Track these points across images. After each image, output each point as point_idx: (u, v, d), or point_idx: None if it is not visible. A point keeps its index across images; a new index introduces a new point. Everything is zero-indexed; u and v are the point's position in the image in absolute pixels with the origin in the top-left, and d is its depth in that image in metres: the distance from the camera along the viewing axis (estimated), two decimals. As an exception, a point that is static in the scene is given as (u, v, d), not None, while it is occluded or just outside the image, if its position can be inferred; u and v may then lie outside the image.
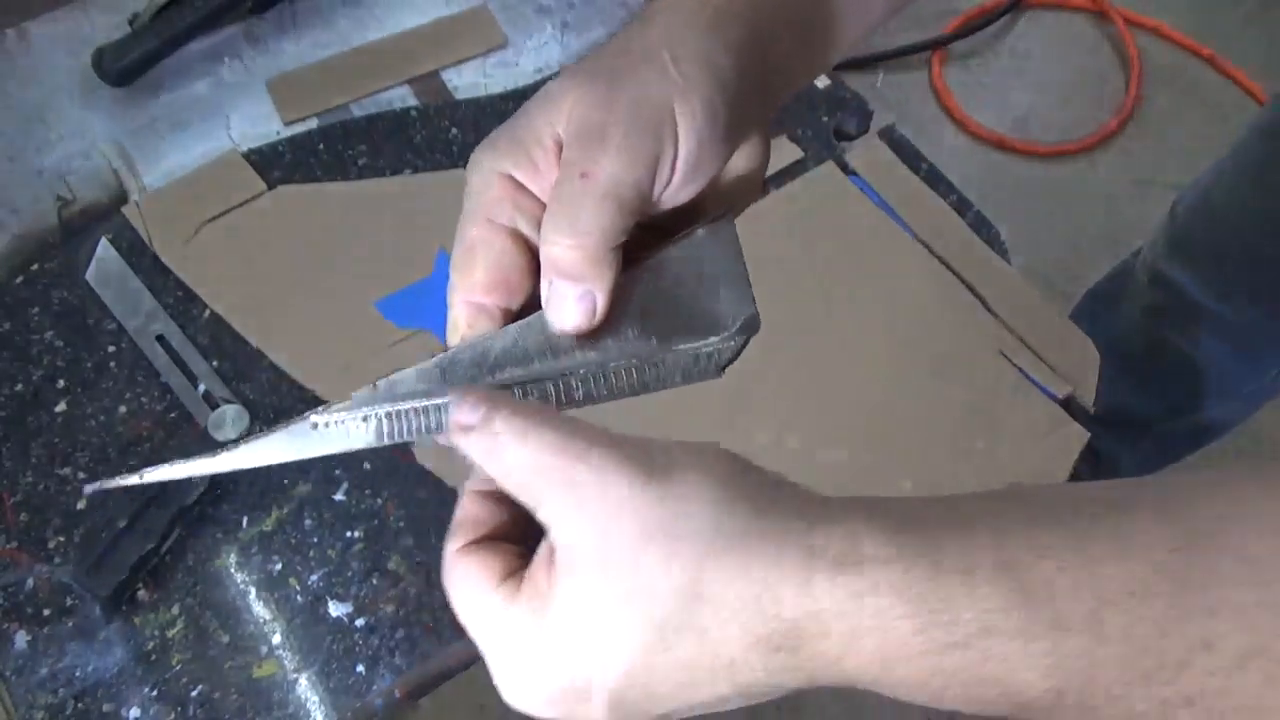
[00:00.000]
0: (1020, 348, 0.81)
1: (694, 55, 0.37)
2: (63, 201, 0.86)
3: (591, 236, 0.35)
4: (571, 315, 0.37)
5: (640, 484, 0.33)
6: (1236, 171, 1.06)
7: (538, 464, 0.34)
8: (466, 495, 0.38)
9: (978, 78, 2.09)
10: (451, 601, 0.36)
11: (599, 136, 0.35)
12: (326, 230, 0.84)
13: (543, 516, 0.34)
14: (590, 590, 0.33)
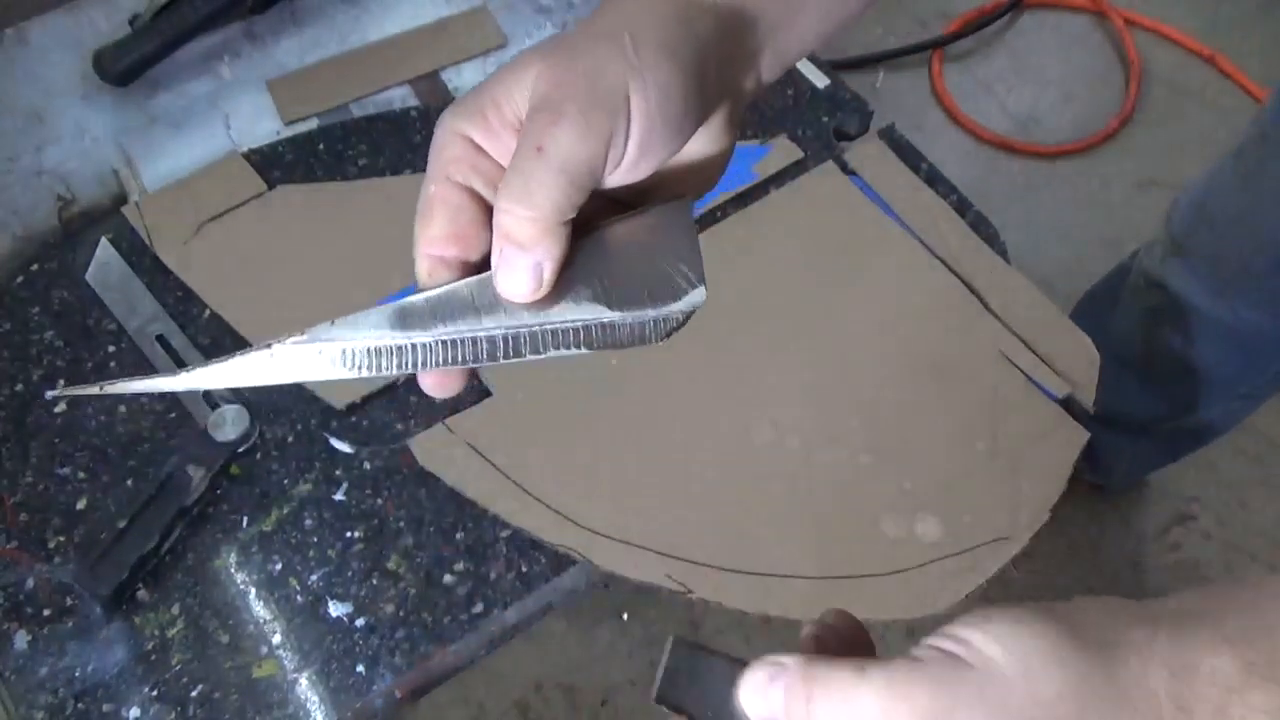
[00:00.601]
0: (1020, 348, 0.81)
1: (654, 40, 0.38)
2: (63, 201, 0.86)
3: (543, 209, 0.36)
4: (520, 284, 0.38)
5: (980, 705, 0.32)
6: (1234, 173, 1.06)
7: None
8: None
9: (978, 78, 2.09)
10: None
11: (555, 112, 0.36)
12: (326, 230, 0.84)
13: None
14: None
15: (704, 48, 0.39)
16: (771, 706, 0.35)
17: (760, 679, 0.35)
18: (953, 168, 0.92)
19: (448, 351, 0.40)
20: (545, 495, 0.72)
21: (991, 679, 0.32)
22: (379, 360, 0.40)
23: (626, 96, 0.37)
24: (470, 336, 0.40)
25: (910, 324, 0.82)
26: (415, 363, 0.40)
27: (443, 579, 0.70)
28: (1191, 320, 1.16)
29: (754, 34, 0.42)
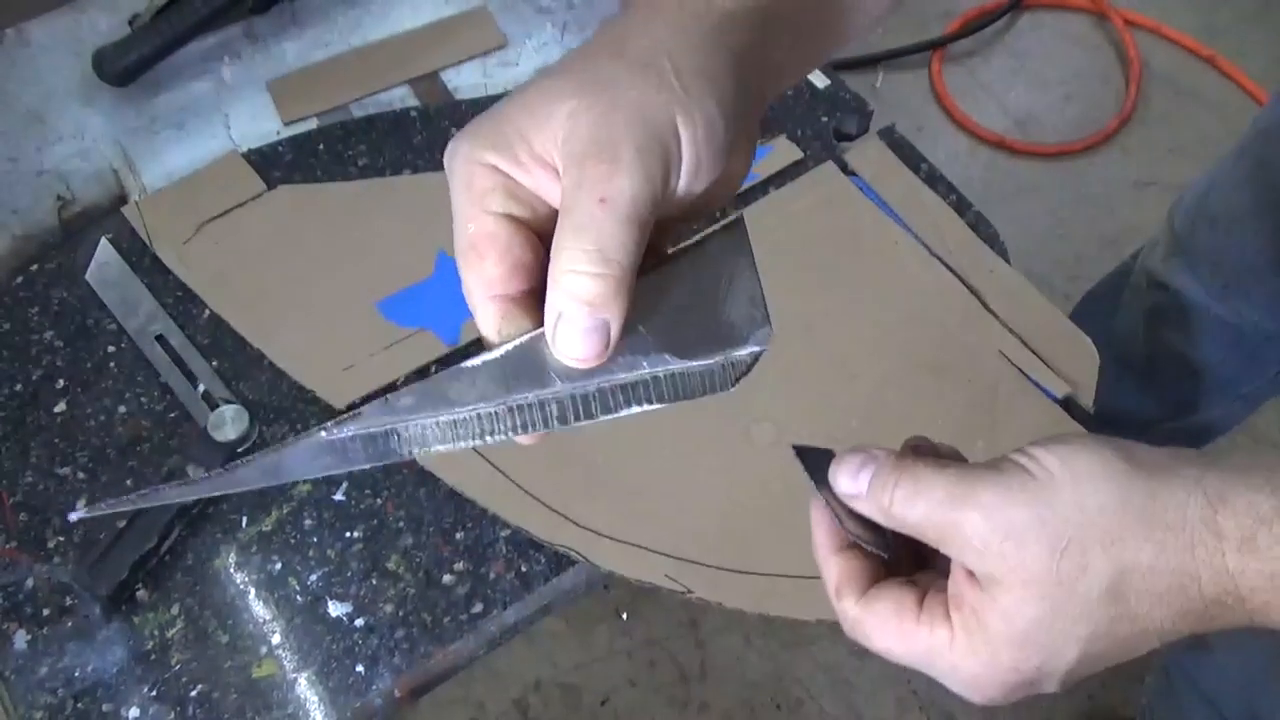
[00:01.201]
0: (1020, 348, 0.80)
1: (695, 67, 0.36)
2: (63, 201, 0.86)
3: (619, 264, 0.34)
4: (583, 346, 0.35)
5: (1032, 506, 0.37)
6: (1236, 172, 1.06)
7: (934, 519, 0.39)
8: (834, 556, 0.43)
9: (978, 78, 2.09)
10: (874, 646, 0.42)
11: (611, 157, 0.34)
12: (326, 230, 0.84)
13: (953, 554, 0.39)
14: (1023, 608, 0.38)
15: (741, 67, 0.38)
16: (859, 486, 0.41)
17: (854, 462, 0.41)
18: (953, 168, 0.92)
19: (513, 419, 0.38)
20: (545, 495, 0.72)
21: (1045, 487, 0.37)
22: (443, 433, 0.38)
23: (676, 131, 0.35)
24: (536, 403, 0.37)
25: (910, 324, 0.82)
26: (479, 435, 0.38)
27: (442, 579, 0.70)
28: (1193, 320, 1.15)
29: (780, 43, 0.41)
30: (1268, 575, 0.35)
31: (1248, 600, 0.36)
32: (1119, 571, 0.37)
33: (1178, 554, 0.36)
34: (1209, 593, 0.36)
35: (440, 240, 0.82)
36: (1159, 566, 0.36)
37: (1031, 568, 0.37)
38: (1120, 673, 1.51)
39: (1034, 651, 0.38)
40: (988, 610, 0.38)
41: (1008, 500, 0.38)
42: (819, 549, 0.44)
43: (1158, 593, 0.37)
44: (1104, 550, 0.36)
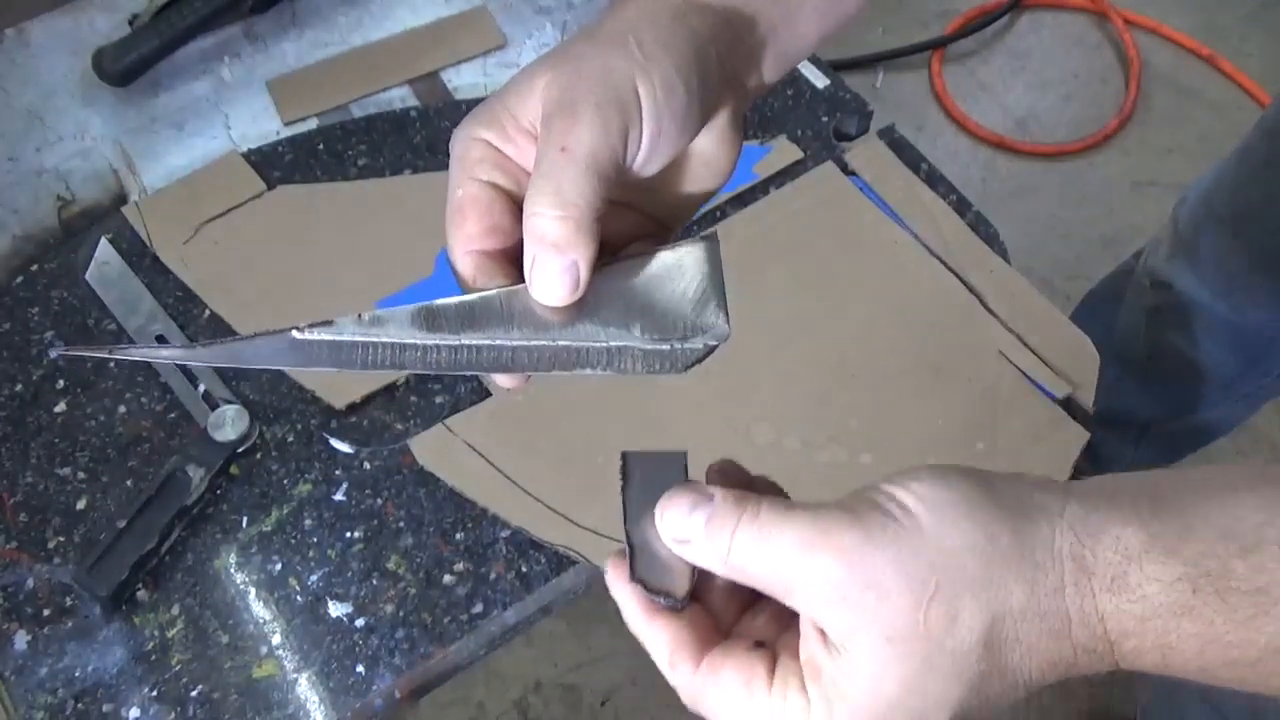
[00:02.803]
0: (1020, 348, 0.80)
1: (655, 38, 0.39)
2: (63, 201, 0.86)
3: (577, 206, 0.36)
4: (555, 287, 0.37)
5: (892, 550, 0.34)
6: (1240, 172, 1.06)
7: (783, 570, 0.35)
8: (655, 621, 0.38)
9: (978, 78, 2.09)
10: (719, 718, 0.37)
11: (572, 112, 0.37)
12: (326, 230, 0.84)
13: (802, 608, 0.35)
14: (889, 667, 0.34)
15: (702, 43, 0.40)
16: (691, 529, 0.37)
17: (684, 505, 0.37)
18: (952, 168, 0.92)
19: (471, 356, 0.40)
20: (545, 495, 0.72)
21: (905, 529, 0.34)
22: (402, 357, 0.40)
23: (635, 90, 0.38)
24: (494, 346, 0.40)
25: (910, 324, 0.82)
26: (438, 363, 0.40)
27: (442, 579, 0.70)
28: (1195, 320, 1.15)
29: (753, 32, 0.43)
30: (1138, 617, 0.33)
31: (1117, 646, 0.33)
32: (991, 619, 0.33)
33: (1049, 595, 0.33)
34: (1079, 638, 0.33)
35: (440, 240, 0.81)
36: (1030, 609, 0.33)
37: (895, 621, 0.33)
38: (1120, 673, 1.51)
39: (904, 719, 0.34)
40: (849, 677, 0.34)
41: (866, 544, 0.34)
42: (632, 615, 0.39)
43: (1029, 641, 0.33)
44: (974, 596, 0.33)
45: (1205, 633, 0.32)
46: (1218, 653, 0.32)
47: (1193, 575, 0.32)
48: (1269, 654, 0.32)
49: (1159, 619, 0.32)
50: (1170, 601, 0.32)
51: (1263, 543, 0.32)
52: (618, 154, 0.37)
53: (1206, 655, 0.32)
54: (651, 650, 0.38)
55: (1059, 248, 1.87)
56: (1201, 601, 0.32)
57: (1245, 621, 0.32)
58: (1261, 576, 0.32)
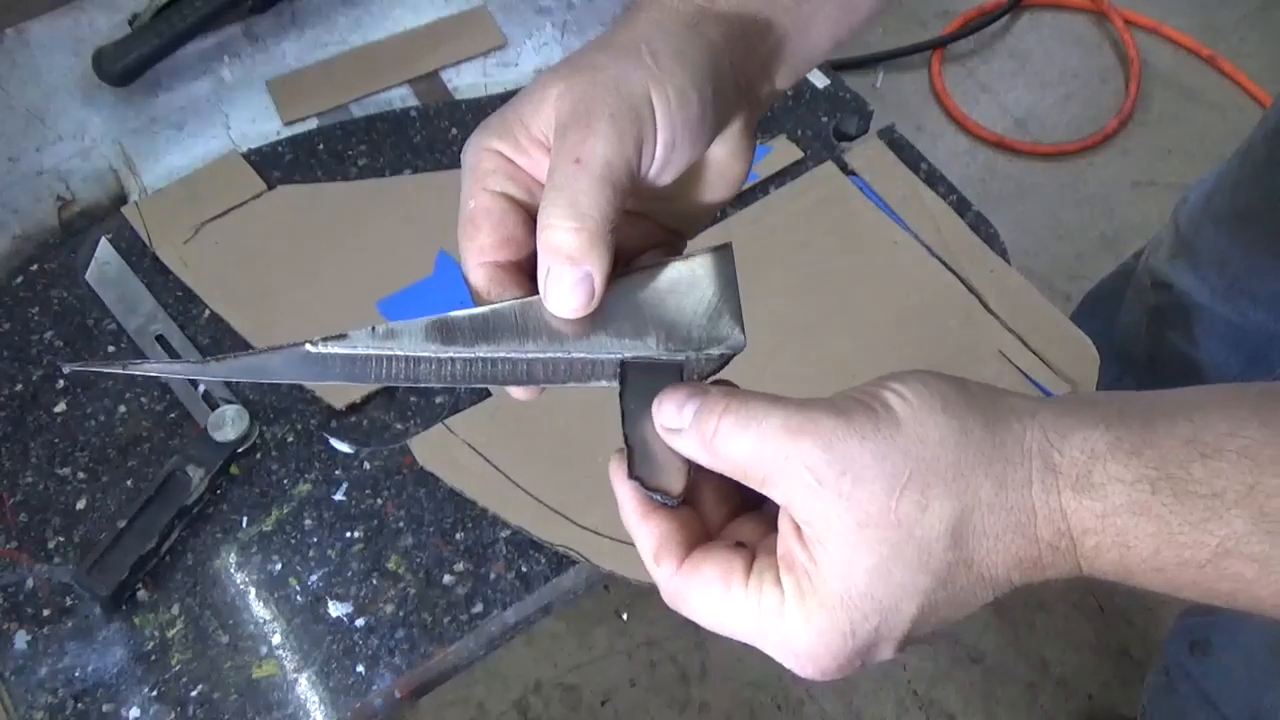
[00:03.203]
0: (1020, 348, 0.81)
1: (669, 49, 0.39)
2: (63, 201, 0.86)
3: (592, 218, 0.36)
4: (570, 299, 0.38)
5: (872, 438, 0.35)
6: (1241, 172, 1.06)
7: (763, 452, 0.36)
8: (648, 520, 0.39)
9: (978, 78, 2.09)
10: (698, 618, 0.38)
11: (586, 123, 0.37)
12: (326, 230, 0.84)
13: (780, 496, 0.36)
14: (857, 554, 0.34)
15: (716, 53, 0.40)
16: (683, 419, 0.38)
17: (681, 394, 0.38)
18: (953, 168, 0.92)
19: (486, 370, 0.40)
20: (545, 495, 0.72)
21: (885, 422, 0.35)
22: (417, 370, 0.40)
23: (650, 101, 0.38)
24: (510, 359, 0.40)
25: (910, 324, 0.82)
26: (453, 376, 0.40)
27: (442, 579, 0.70)
28: (1196, 320, 1.16)
29: (766, 41, 0.43)
30: (1099, 514, 0.34)
31: (1079, 543, 0.34)
32: (960, 510, 0.34)
33: (1016, 489, 0.34)
34: (1044, 534, 0.34)
35: (440, 240, 0.82)
36: (998, 503, 0.34)
37: (868, 507, 0.34)
38: (1120, 673, 1.51)
39: (872, 609, 0.35)
40: (821, 567, 0.35)
41: (847, 432, 0.35)
42: (628, 512, 0.40)
43: (996, 533, 0.34)
44: (945, 486, 0.34)
45: (1160, 532, 0.33)
46: (1171, 553, 0.33)
47: (1153, 477, 0.33)
48: (1218, 556, 0.33)
49: (1118, 516, 0.33)
50: (1130, 500, 0.33)
51: (1223, 450, 0.33)
52: (632, 164, 0.37)
53: (1161, 555, 0.33)
54: (640, 547, 0.39)
55: (1059, 248, 1.87)
56: (1159, 502, 0.33)
57: (1198, 524, 0.33)
58: (1218, 481, 0.33)
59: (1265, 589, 0.33)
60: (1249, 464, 0.33)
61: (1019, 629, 1.50)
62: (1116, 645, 1.49)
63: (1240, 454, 0.33)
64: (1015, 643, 1.49)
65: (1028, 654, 1.48)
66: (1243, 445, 0.33)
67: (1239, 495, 0.32)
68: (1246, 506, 0.32)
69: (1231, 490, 0.33)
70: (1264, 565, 0.32)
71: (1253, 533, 0.32)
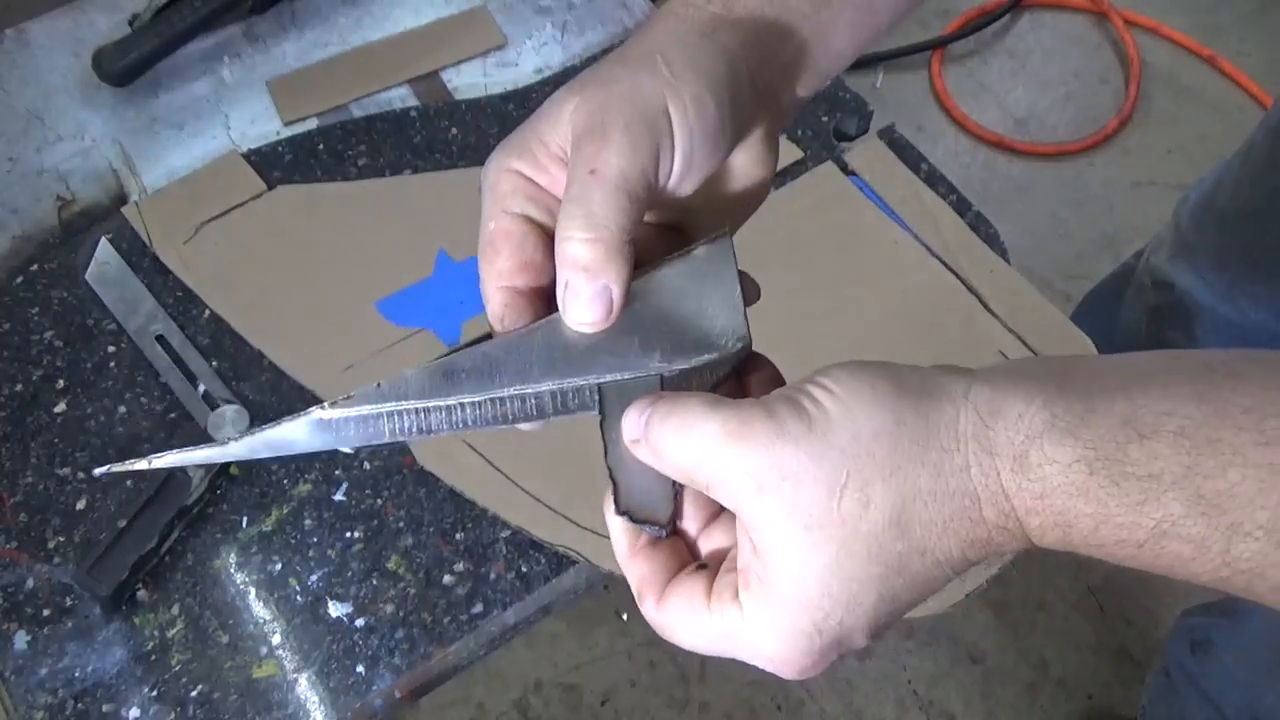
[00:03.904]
0: (1020, 348, 0.80)
1: (684, 58, 0.39)
2: (63, 201, 0.86)
3: (608, 229, 0.36)
4: (589, 311, 0.37)
5: (806, 441, 0.35)
6: (1243, 171, 1.06)
7: (706, 459, 0.36)
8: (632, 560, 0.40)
9: (978, 78, 2.09)
10: (686, 645, 0.39)
11: (601, 134, 0.37)
12: (326, 230, 0.84)
13: (727, 501, 0.36)
14: (807, 556, 0.35)
15: (733, 60, 0.40)
16: (640, 429, 0.38)
17: (638, 407, 0.38)
18: (953, 168, 0.92)
19: (496, 410, 0.39)
20: (546, 495, 0.72)
21: (817, 422, 0.35)
22: (428, 421, 0.39)
23: (666, 110, 0.38)
24: (519, 396, 0.39)
25: (910, 324, 0.82)
26: (465, 422, 0.39)
27: (442, 579, 0.70)
28: (1197, 319, 1.15)
29: (785, 47, 0.43)
30: (1038, 495, 0.34)
31: (1024, 521, 0.34)
32: (901, 501, 0.34)
33: (955, 475, 0.34)
34: (989, 516, 0.34)
35: (440, 240, 0.82)
36: (939, 490, 0.34)
37: (810, 509, 0.34)
38: (1120, 673, 1.51)
39: (831, 606, 0.35)
40: (773, 576, 0.35)
41: (780, 437, 0.35)
42: (617, 552, 0.41)
43: (943, 520, 0.34)
44: (884, 481, 0.34)
45: (1098, 513, 0.33)
46: (1110, 532, 0.33)
47: (1089, 458, 0.33)
48: (1155, 537, 0.33)
49: (1057, 498, 0.34)
50: (1067, 482, 0.33)
51: (1160, 431, 0.33)
52: (648, 174, 0.37)
53: (1100, 533, 0.34)
54: (631, 584, 0.40)
55: (1059, 248, 1.87)
56: (1096, 484, 0.33)
57: (1135, 505, 0.33)
58: (1155, 463, 0.33)
59: (1201, 567, 0.33)
60: (1186, 444, 0.33)
61: (1019, 629, 1.50)
62: (1116, 645, 1.49)
63: (1177, 434, 0.33)
64: (1015, 643, 1.49)
65: (1028, 654, 1.48)
66: (1180, 425, 0.33)
67: (1175, 477, 0.32)
68: (1183, 488, 0.32)
69: (1168, 472, 0.33)
70: (1199, 545, 0.33)
71: (1188, 515, 0.32)
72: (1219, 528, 0.32)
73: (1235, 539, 0.32)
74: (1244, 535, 0.32)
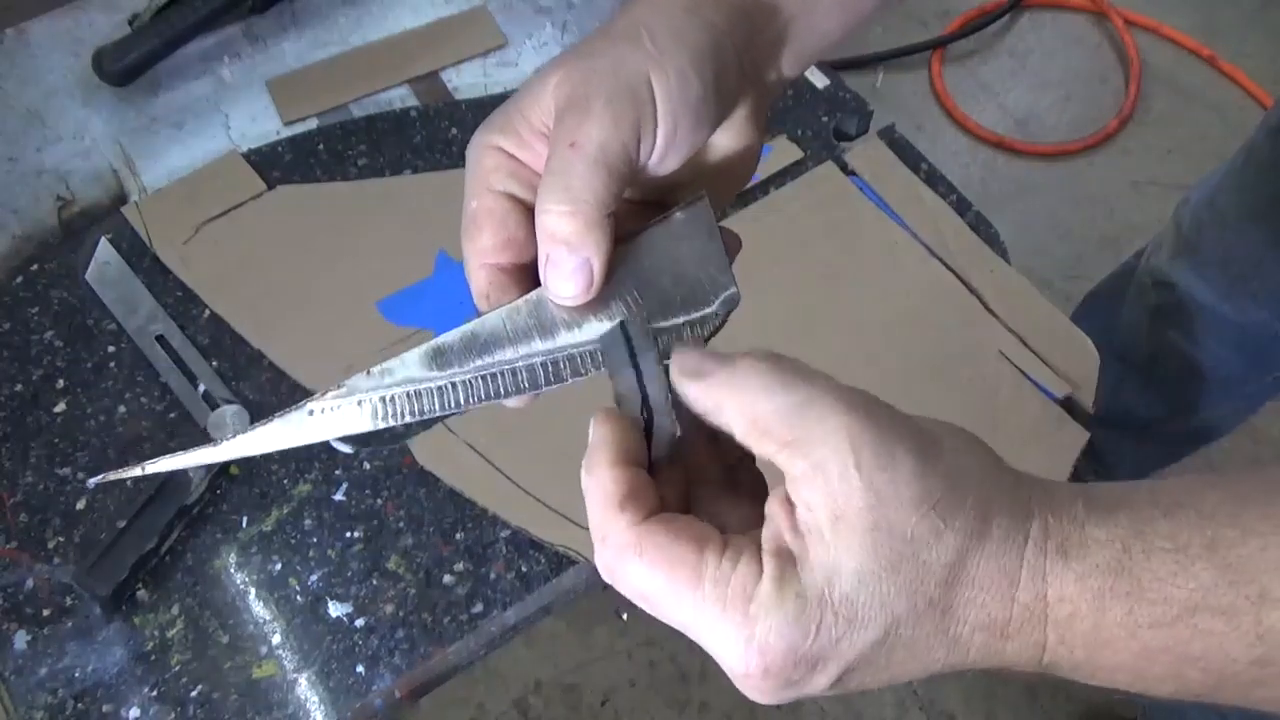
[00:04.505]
0: (1020, 348, 0.80)
1: (669, 31, 0.38)
2: (63, 201, 0.86)
3: (586, 203, 0.36)
4: (570, 284, 0.37)
5: (920, 450, 0.34)
6: (1244, 172, 1.06)
7: (807, 413, 0.34)
8: (622, 467, 0.37)
9: (978, 78, 2.09)
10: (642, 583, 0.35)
11: (582, 108, 0.36)
12: (326, 230, 0.84)
13: (799, 467, 0.34)
14: (857, 555, 0.33)
15: (718, 35, 0.40)
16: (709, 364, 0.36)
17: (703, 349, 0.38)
18: (953, 168, 0.92)
19: (489, 385, 0.39)
20: (546, 495, 0.72)
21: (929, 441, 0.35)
22: (420, 404, 0.39)
23: (649, 83, 0.37)
24: (509, 368, 0.39)
25: (910, 324, 0.82)
26: (457, 401, 0.39)
27: (442, 579, 0.70)
28: (1198, 319, 1.16)
29: (771, 24, 0.43)
30: (1078, 575, 0.33)
31: (1052, 610, 0.33)
32: (967, 548, 0.33)
33: (1014, 543, 0.34)
34: (1022, 597, 0.33)
35: (440, 240, 0.82)
36: (997, 553, 0.33)
37: (890, 513, 0.32)
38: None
39: (844, 616, 0.32)
40: (811, 557, 0.33)
41: (900, 432, 0.33)
42: (600, 456, 0.38)
43: (982, 583, 0.33)
44: (965, 520, 0.33)
45: (1134, 591, 0.33)
46: (1144, 611, 0.33)
47: (1124, 536, 0.34)
48: (1187, 612, 0.33)
49: (1095, 578, 0.33)
50: (1106, 560, 0.33)
51: (1182, 506, 0.34)
52: (629, 148, 0.37)
53: (1135, 615, 0.33)
54: (599, 496, 0.37)
55: (1059, 248, 1.87)
56: (1130, 559, 0.33)
57: (1167, 578, 0.33)
58: (1181, 537, 0.33)
59: (1235, 644, 0.33)
60: (1207, 520, 0.33)
61: (1019, 629, 1.49)
62: (1117, 645, 1.49)
63: (1198, 512, 0.34)
64: (1015, 643, 1.49)
65: (1028, 654, 1.48)
66: (1199, 506, 0.34)
67: (1200, 549, 0.33)
68: (1210, 560, 0.33)
69: (1194, 544, 0.33)
70: (1231, 617, 0.32)
71: (1218, 584, 0.33)
72: (1249, 596, 0.32)
73: (1265, 607, 0.32)
74: (1273, 603, 0.32)
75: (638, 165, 0.38)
